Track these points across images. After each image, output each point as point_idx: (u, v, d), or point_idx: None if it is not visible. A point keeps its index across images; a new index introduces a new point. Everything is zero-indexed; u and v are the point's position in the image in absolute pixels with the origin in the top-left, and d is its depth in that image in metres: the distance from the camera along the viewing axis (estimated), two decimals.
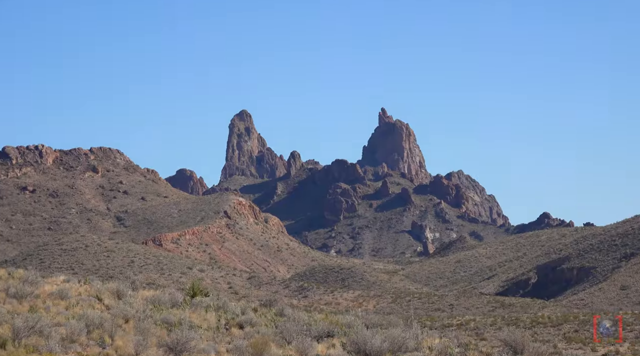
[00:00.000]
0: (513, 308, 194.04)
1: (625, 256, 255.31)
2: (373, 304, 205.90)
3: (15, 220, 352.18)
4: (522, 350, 40.31)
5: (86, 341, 34.64)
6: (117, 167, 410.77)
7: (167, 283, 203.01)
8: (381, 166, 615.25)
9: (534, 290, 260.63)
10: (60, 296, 42.46)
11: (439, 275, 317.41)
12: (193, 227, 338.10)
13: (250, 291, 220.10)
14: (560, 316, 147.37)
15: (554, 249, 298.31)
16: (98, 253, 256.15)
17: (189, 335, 35.32)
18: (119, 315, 39.06)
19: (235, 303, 48.75)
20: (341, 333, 40.25)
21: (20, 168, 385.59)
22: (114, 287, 47.04)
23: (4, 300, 39.96)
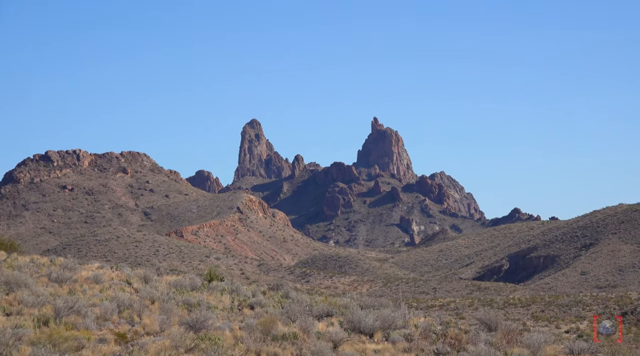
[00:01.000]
0: (488, 291, 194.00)
1: (584, 246, 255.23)
2: (366, 288, 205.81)
3: (56, 215, 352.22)
4: (496, 327, 40.27)
5: (117, 320, 34.66)
6: (144, 168, 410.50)
7: (188, 269, 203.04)
8: (373, 168, 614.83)
9: (506, 276, 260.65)
10: (95, 281, 42.47)
11: (423, 262, 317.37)
12: (210, 221, 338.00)
13: (260, 276, 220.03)
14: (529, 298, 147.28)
15: (523, 240, 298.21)
16: (128, 243, 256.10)
17: (207, 315, 35.33)
18: (146, 297, 39.06)
19: (246, 287, 48.73)
20: (339, 313, 40.22)
21: (61, 170, 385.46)
22: (141, 273, 47.05)
23: (47, 284, 39.96)
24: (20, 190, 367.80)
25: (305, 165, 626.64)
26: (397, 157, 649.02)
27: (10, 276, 38.41)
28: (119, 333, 32.11)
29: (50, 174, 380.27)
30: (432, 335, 37.17)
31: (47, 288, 38.50)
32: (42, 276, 41.75)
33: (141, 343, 31.27)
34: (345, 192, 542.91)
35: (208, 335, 32.80)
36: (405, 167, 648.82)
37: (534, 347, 36.21)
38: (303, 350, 32.32)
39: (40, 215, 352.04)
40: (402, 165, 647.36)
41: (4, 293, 36.39)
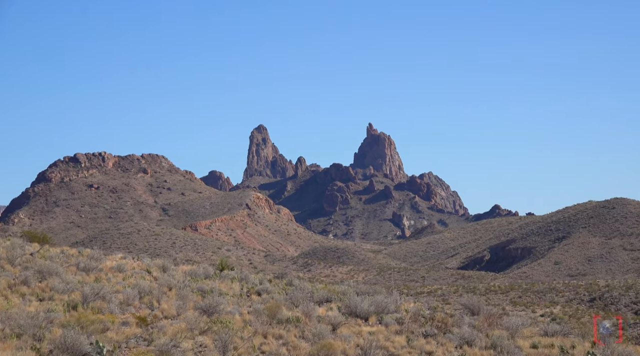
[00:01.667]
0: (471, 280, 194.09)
1: (558, 238, 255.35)
2: (362, 276, 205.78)
3: (84, 211, 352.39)
4: (478, 311, 40.29)
5: (139, 305, 34.70)
6: (162, 169, 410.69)
7: (201, 260, 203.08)
8: (368, 168, 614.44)
9: (488, 265, 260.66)
10: (118, 270, 42.52)
11: (413, 253, 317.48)
12: (221, 216, 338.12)
13: (266, 266, 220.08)
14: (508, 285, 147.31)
15: (502, 233, 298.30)
16: (147, 236, 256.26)
17: (219, 300, 35.37)
18: (164, 284, 39.12)
19: (254, 276, 48.77)
20: (337, 299, 40.25)
21: (88, 170, 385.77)
22: (160, 263, 47.11)
23: (75, 273, 40.02)
24: (52, 189, 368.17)
25: (307, 166, 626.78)
26: (389, 158, 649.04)
27: (42, 266, 38.48)
28: (140, 316, 32.15)
29: (79, 174, 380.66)
30: (421, 319, 37.20)
31: (75, 277, 38.55)
32: (71, 265, 41.80)
33: (160, 326, 31.33)
34: (343, 190, 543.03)
35: (220, 318, 32.84)
36: (397, 168, 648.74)
37: (512, 329, 36.25)
38: (305, 332, 32.36)
39: (70, 211, 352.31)
40: (394, 166, 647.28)
41: (37, 280, 36.45)
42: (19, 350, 25.99)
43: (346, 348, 30.26)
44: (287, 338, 31.27)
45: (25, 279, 36.06)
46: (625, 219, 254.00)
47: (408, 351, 31.50)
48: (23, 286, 35.20)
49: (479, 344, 33.27)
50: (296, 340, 31.16)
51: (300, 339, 31.34)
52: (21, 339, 27.29)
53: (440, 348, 32.37)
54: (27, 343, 26.96)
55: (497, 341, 33.55)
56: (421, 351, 31.67)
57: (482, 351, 32.33)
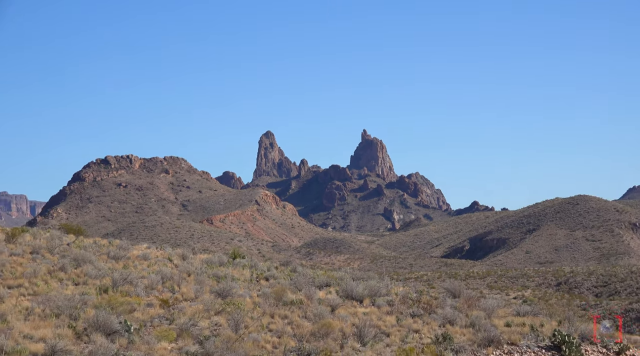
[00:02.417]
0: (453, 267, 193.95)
1: (528, 230, 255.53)
2: (357, 264, 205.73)
3: (113, 206, 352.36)
4: (459, 294, 40.28)
5: (161, 289, 34.71)
6: (182, 169, 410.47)
7: (216, 249, 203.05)
8: (363, 169, 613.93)
9: (467, 254, 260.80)
10: (143, 258, 42.53)
11: (402, 244, 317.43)
12: (234, 211, 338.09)
13: (273, 255, 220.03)
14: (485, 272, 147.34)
15: (480, 226, 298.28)
16: (169, 229, 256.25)
17: (231, 285, 35.38)
18: (184, 271, 39.13)
19: (262, 263, 48.75)
20: (335, 284, 40.25)
21: (117, 171, 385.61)
22: (180, 252, 47.11)
23: (106, 260, 40.04)
24: (86, 187, 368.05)
25: (309, 167, 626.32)
26: (381, 160, 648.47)
27: (78, 255, 38.50)
28: (162, 299, 32.17)
29: (109, 174, 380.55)
30: (409, 301, 37.19)
31: (106, 264, 38.57)
32: (102, 254, 41.82)
33: (180, 307, 31.35)
34: (341, 189, 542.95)
35: (233, 300, 32.85)
36: (388, 169, 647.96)
37: (488, 310, 36.24)
38: (307, 312, 32.36)
39: (101, 206, 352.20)
40: (386, 167, 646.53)
41: (73, 267, 36.47)
42: (57, 328, 26.03)
43: (343, 327, 30.29)
44: (292, 318, 31.30)
45: (62, 266, 36.09)
46: (587, 214, 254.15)
47: (397, 329, 31.52)
48: (61, 272, 35.23)
49: (459, 323, 33.30)
50: (299, 319, 31.18)
51: (303, 319, 31.36)
52: (59, 318, 27.33)
53: (425, 327, 32.39)
54: (65, 321, 27.00)
55: (476, 320, 33.58)
56: (409, 330, 31.69)
57: (462, 330, 32.35)
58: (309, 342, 27.98)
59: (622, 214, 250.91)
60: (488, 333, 31.36)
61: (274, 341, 27.76)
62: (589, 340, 33.67)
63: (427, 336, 30.87)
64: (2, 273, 33.43)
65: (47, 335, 24.97)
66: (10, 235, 42.33)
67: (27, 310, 27.98)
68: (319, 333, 29.02)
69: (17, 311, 27.50)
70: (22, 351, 23.20)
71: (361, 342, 28.83)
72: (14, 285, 31.83)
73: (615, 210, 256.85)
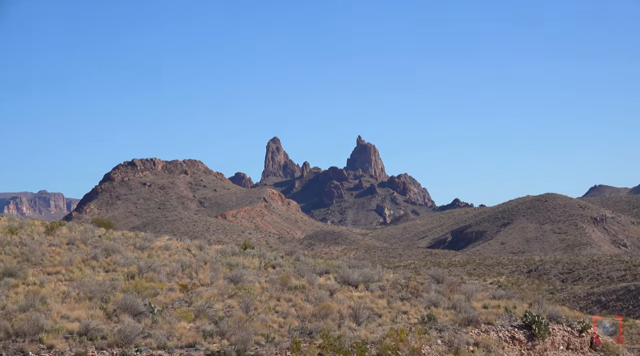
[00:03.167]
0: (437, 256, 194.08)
1: (503, 224, 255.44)
2: (353, 254, 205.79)
3: (139, 203, 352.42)
4: (442, 280, 40.30)
5: (181, 275, 34.73)
6: (199, 171, 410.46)
7: (229, 241, 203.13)
8: (358, 170, 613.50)
9: (450, 245, 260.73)
10: (165, 249, 42.53)
11: (392, 236, 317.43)
12: (244, 207, 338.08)
13: (279, 246, 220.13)
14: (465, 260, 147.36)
15: (461, 220, 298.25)
16: (188, 223, 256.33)
17: (242, 272, 35.38)
18: (201, 260, 39.14)
19: (270, 253, 48.76)
20: (334, 271, 40.25)
21: (142, 172, 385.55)
22: (197, 243, 47.10)
23: (133, 250, 40.06)
24: (115, 186, 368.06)
25: (310, 169, 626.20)
26: (374, 163, 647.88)
27: (108, 245, 38.54)
28: (182, 284, 32.19)
29: (135, 175, 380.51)
30: (398, 286, 37.21)
31: (133, 253, 38.60)
32: (129, 245, 41.84)
33: (197, 291, 31.37)
34: (338, 187, 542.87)
35: (243, 286, 32.87)
36: (380, 170, 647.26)
37: (468, 294, 36.25)
38: (309, 296, 32.38)
39: (128, 203, 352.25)
40: (378, 168, 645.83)
41: (104, 256, 36.50)
42: (90, 309, 26.06)
43: (341, 309, 30.30)
44: (295, 301, 31.31)
45: (94, 255, 36.11)
46: (555, 209, 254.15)
47: (388, 311, 31.53)
48: (93, 260, 35.26)
49: (442, 305, 33.32)
50: (302, 302, 31.20)
51: (306, 302, 31.37)
52: (92, 301, 27.36)
53: (413, 309, 32.40)
54: (97, 304, 27.02)
55: (457, 303, 33.60)
56: (398, 311, 31.70)
57: (445, 311, 32.37)
58: (311, 322, 28.01)
59: (584, 210, 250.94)
60: (468, 314, 31.39)
61: (280, 321, 27.79)
62: (556, 320, 33.68)
63: (414, 317, 30.89)
64: (43, 262, 33.47)
65: (81, 315, 25.00)
66: (49, 228, 42.36)
67: (64, 293, 28.00)
68: (319, 314, 29.05)
69: (55, 295, 27.54)
70: (60, 329, 23.23)
71: (356, 322, 28.85)
72: (53, 272, 31.88)
73: (579, 206, 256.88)
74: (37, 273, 31.00)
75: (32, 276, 30.34)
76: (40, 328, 22.80)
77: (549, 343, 31.82)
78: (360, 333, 27.13)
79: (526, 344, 30.95)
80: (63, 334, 23.06)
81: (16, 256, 33.74)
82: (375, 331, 27.66)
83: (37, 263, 33.04)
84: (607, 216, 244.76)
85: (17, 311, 24.63)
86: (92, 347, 22.50)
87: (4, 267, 30.39)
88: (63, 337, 22.86)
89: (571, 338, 33.17)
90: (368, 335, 27.04)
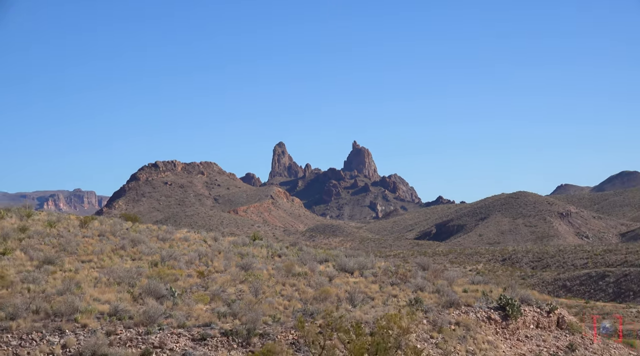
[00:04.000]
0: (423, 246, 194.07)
1: (481, 218, 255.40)
2: (349, 244, 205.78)
3: (161, 200, 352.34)
4: (428, 267, 40.29)
5: (198, 263, 34.71)
6: (214, 171, 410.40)
7: (240, 233, 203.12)
8: (354, 171, 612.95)
9: (434, 237, 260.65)
10: (184, 240, 42.50)
11: (384, 229, 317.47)
12: (254, 204, 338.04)
13: (284, 237, 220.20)
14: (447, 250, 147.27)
15: (444, 215, 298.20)
16: (204, 217, 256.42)
17: (252, 260, 35.37)
18: (215, 250, 39.14)
19: (276, 244, 48.75)
20: (332, 260, 40.25)
21: (164, 172, 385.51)
22: (212, 235, 47.08)
23: (156, 241, 40.06)
24: (140, 185, 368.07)
25: (312, 170, 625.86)
26: (368, 164, 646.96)
27: (134, 237, 38.54)
28: (199, 271, 32.19)
29: (158, 175, 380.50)
30: (389, 273, 37.21)
31: (156, 244, 38.59)
32: (153, 237, 41.82)
33: (213, 277, 31.36)
34: (336, 186, 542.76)
35: (253, 272, 32.87)
36: (373, 171, 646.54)
37: (450, 279, 36.26)
38: (310, 281, 32.38)
39: (152, 200, 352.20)
40: (371, 169, 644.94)
41: (131, 246, 36.49)
42: (119, 293, 26.08)
43: (338, 293, 30.29)
44: (299, 285, 31.31)
45: (123, 245, 36.10)
46: (526, 205, 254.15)
47: (380, 295, 31.53)
48: (121, 250, 35.26)
49: (428, 289, 33.31)
50: (304, 287, 31.20)
51: (307, 286, 31.37)
52: (120, 286, 27.36)
53: (402, 292, 32.40)
54: (124, 288, 27.03)
55: (440, 287, 33.59)
56: (389, 295, 31.70)
57: (430, 295, 32.36)
58: (312, 304, 28.00)
59: (552, 206, 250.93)
60: (450, 297, 31.39)
61: (285, 304, 27.79)
62: (527, 302, 33.67)
63: (403, 300, 30.88)
64: (77, 251, 33.47)
65: (111, 298, 25.01)
66: (83, 222, 42.36)
67: (96, 279, 28.00)
68: (319, 297, 29.05)
69: (88, 280, 27.54)
70: (92, 310, 23.23)
71: (352, 304, 28.84)
72: (86, 260, 31.88)
73: (547, 202, 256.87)
74: (72, 261, 31.01)
75: (68, 264, 30.34)
76: (75, 309, 22.82)
77: (520, 323, 31.83)
78: (356, 314, 27.13)
79: (501, 323, 30.96)
80: (95, 314, 23.08)
81: (54, 246, 33.77)
82: (368, 313, 27.66)
83: (73, 252, 33.04)
84: (572, 211, 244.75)
85: (55, 294, 24.65)
86: (120, 326, 22.53)
87: (44, 255, 30.43)
88: (95, 317, 22.88)
89: (540, 318, 33.18)
90: (362, 315, 27.04)
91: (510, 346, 29.92)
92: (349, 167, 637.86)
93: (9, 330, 20.83)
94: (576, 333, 33.44)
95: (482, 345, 28.31)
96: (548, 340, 31.87)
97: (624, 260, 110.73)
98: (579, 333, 33.58)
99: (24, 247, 32.37)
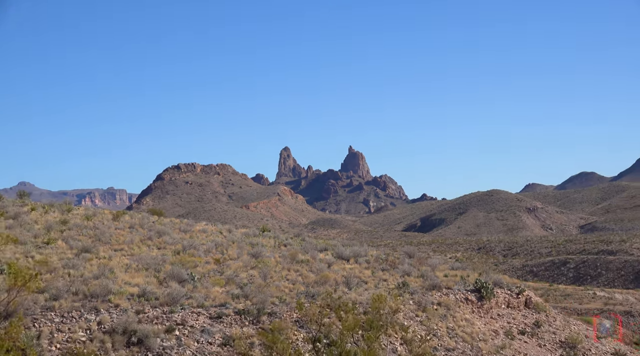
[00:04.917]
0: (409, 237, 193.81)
1: (460, 213, 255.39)
2: (345, 236, 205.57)
3: (183, 197, 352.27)
4: (414, 255, 40.30)
5: (215, 252, 34.71)
6: (228, 172, 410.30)
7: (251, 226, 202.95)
8: (349, 172, 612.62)
9: (419, 229, 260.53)
10: (203, 232, 42.46)
11: (375, 222, 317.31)
12: (263, 200, 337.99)
13: (289, 229, 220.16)
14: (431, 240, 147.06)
15: (428, 210, 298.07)
16: (220, 212, 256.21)
17: (261, 249, 35.37)
18: (230, 240, 39.13)
19: (282, 235, 48.73)
20: (331, 249, 40.25)
21: (185, 173, 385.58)
22: (227, 227, 47.04)
23: (178, 233, 40.06)
24: (164, 184, 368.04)
25: (313, 171, 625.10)
26: (361, 166, 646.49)
27: (159, 229, 38.54)
28: (216, 258, 32.20)
29: (180, 175, 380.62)
30: (380, 260, 37.23)
31: (178, 235, 38.59)
32: (176, 229, 41.82)
33: (227, 264, 31.35)
34: (334, 185, 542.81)
35: (262, 260, 32.88)
36: (366, 172, 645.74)
37: (433, 266, 36.27)
38: (312, 267, 32.39)
39: (175, 197, 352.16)
40: (364, 170, 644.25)
41: (157, 237, 36.49)
42: (146, 277, 26.11)
43: (336, 277, 30.31)
44: (302, 271, 31.32)
45: (150, 236, 36.11)
46: (499, 202, 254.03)
47: (372, 279, 31.55)
48: (149, 240, 35.27)
49: (413, 275, 33.33)
50: (307, 272, 31.21)
51: (309, 272, 31.39)
52: (147, 271, 27.38)
53: (391, 277, 32.42)
54: (151, 273, 27.05)
55: (424, 273, 33.60)
56: (380, 279, 31.72)
57: (416, 279, 32.38)
58: (313, 287, 28.03)
59: (521, 202, 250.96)
60: (433, 281, 31.41)
61: (290, 287, 27.82)
62: (499, 285, 33.68)
63: (392, 283, 30.90)
64: (110, 241, 33.51)
65: (140, 282, 25.05)
66: (116, 216, 42.38)
67: (127, 265, 28.02)
68: (319, 281, 29.07)
69: (120, 266, 27.57)
70: (124, 292, 23.27)
71: (348, 287, 28.88)
72: (118, 249, 31.91)
73: (517, 199, 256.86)
74: (106, 250, 31.03)
75: (103, 252, 30.37)
76: (109, 291, 22.87)
77: (493, 303, 31.87)
78: (351, 295, 27.16)
79: (476, 304, 31.00)
80: (126, 296, 23.12)
81: (91, 237, 33.81)
82: (362, 294, 27.70)
83: (106, 242, 33.08)
84: (538, 207, 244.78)
85: (91, 278, 24.70)
86: (147, 306, 22.57)
87: (82, 245, 30.49)
88: (126, 298, 22.93)
89: (510, 299, 33.22)
90: (357, 297, 27.08)
91: (485, 323, 29.98)
92: (346, 168, 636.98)
93: (53, 309, 20.93)
94: (542, 312, 33.50)
95: (460, 322, 28.38)
96: (517, 318, 31.96)
97: (582, 248, 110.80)
98: (544, 311, 33.64)
99: (65, 238, 32.42)
